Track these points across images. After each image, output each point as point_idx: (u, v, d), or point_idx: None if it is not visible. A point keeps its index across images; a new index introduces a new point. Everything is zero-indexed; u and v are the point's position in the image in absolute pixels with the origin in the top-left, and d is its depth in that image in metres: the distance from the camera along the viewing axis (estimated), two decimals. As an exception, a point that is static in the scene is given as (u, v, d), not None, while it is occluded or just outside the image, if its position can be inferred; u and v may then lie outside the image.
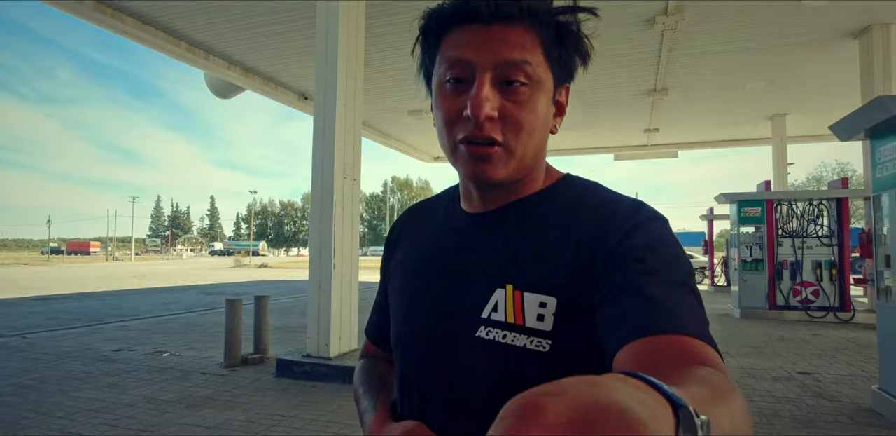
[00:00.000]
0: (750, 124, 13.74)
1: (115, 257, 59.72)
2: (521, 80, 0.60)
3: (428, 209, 0.81)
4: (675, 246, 0.61)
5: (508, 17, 0.60)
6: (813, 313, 8.70)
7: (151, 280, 21.21)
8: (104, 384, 4.71)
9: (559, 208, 0.66)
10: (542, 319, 0.60)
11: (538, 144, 0.65)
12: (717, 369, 0.45)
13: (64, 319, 9.19)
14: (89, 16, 7.48)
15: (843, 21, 7.63)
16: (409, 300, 0.73)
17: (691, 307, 0.54)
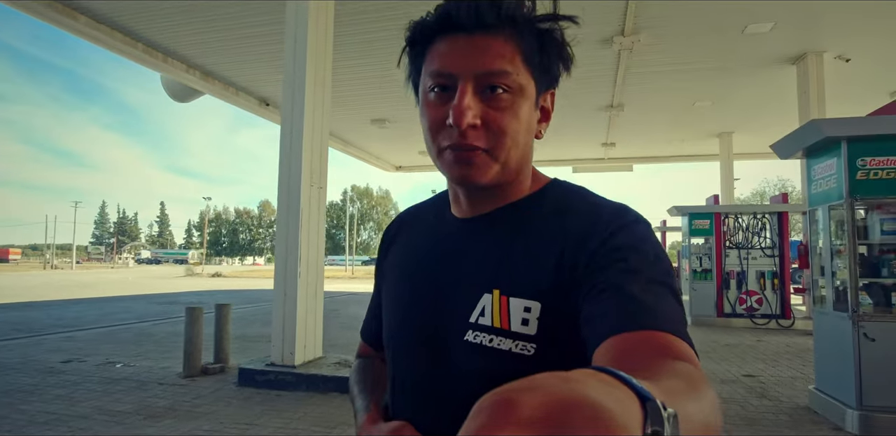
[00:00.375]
0: (699, 141, 14.48)
1: (53, 265, 56.54)
2: (503, 87, 0.62)
3: (420, 214, 0.83)
4: (656, 247, 0.62)
5: (489, 26, 0.62)
6: (757, 321, 9.21)
7: (95, 290, 20.24)
8: (53, 396, 4.52)
9: (546, 213, 0.67)
10: (527, 324, 0.61)
11: (522, 150, 0.66)
12: (690, 363, 0.46)
13: (1, 329, 8.69)
14: (41, 13, 7.22)
15: (782, 48, 8.22)
16: (401, 304, 0.74)
17: (670, 306, 0.55)
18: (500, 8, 0.62)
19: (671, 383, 0.38)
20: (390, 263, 0.81)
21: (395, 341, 0.74)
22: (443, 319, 0.68)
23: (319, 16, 5.57)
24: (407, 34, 0.68)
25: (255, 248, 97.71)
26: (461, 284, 0.67)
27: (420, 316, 0.70)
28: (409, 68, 0.70)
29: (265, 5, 7.02)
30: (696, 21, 7.34)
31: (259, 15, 7.37)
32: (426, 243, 0.76)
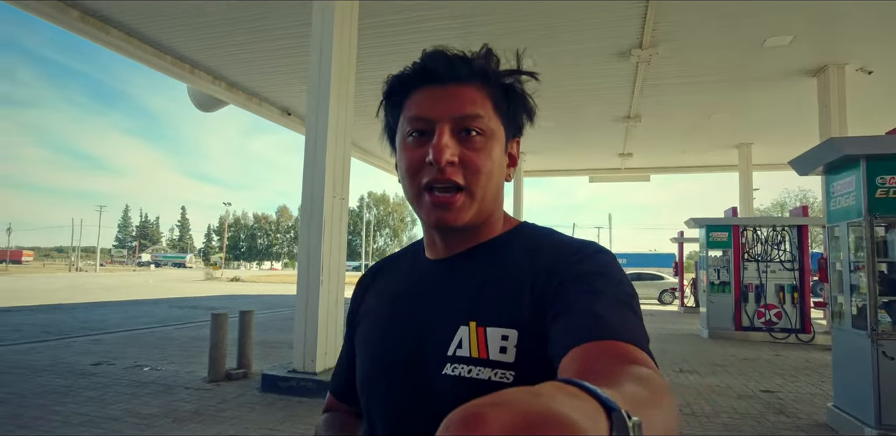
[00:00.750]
0: (718, 152, 14.42)
1: (78, 268, 57.77)
2: (477, 129, 0.67)
3: (393, 262, 0.85)
4: (619, 273, 0.66)
5: (461, 77, 0.68)
6: (776, 335, 9.12)
7: (118, 293, 20.69)
8: (85, 398, 4.70)
9: (517, 252, 0.70)
10: (505, 351, 0.63)
11: (496, 188, 0.70)
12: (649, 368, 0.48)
13: (30, 331, 8.98)
14: (74, 26, 7.52)
15: (802, 61, 8.21)
16: (376, 343, 0.74)
17: (631, 322, 0.58)
18: (471, 62, 0.69)
19: (634, 389, 0.39)
20: (364, 310, 0.82)
21: (371, 379, 0.73)
22: (419, 356, 0.68)
23: (344, 29, 5.73)
24: (385, 88, 0.73)
25: (273, 253, 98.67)
26: (436, 319, 0.69)
27: (396, 353, 0.71)
28: (386, 119, 0.76)
29: (290, 19, 7.24)
30: (714, 35, 7.39)
31: (284, 28, 7.60)
32: (400, 287, 0.78)
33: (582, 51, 8.05)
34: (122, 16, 7.44)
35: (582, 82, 9.35)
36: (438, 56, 0.69)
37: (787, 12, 6.68)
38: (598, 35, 7.48)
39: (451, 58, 0.69)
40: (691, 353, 7.76)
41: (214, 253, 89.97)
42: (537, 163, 16.18)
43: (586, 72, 8.85)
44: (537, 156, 15.32)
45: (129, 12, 7.32)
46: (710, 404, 4.89)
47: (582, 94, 10.02)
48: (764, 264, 9.47)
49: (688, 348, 8.27)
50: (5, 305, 13.99)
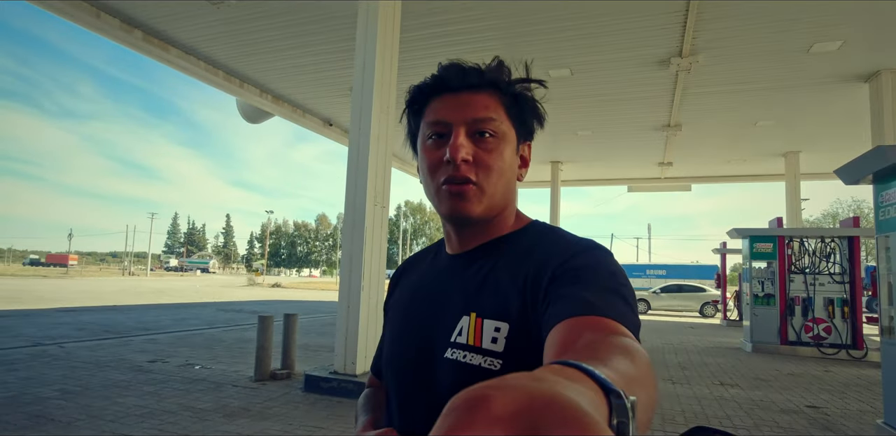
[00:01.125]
0: (763, 160, 14.02)
1: (131, 272, 60.48)
2: (489, 131, 0.74)
3: (420, 258, 0.94)
4: (612, 266, 0.69)
5: (474, 85, 0.75)
6: (825, 350, 8.79)
7: (168, 296, 21.61)
8: (144, 393, 5.02)
9: (521, 248, 0.77)
10: (496, 342, 0.69)
11: (506, 186, 0.77)
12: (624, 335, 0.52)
13: (93, 330, 9.56)
14: (137, 45, 8.07)
15: (852, 66, 7.97)
16: (398, 329, 0.84)
17: (618, 306, 0.60)
18: (483, 72, 0.76)
19: (625, 367, 0.41)
20: (393, 301, 0.91)
21: (393, 360, 0.82)
22: (429, 341, 0.76)
23: (385, 46, 5.97)
24: (407, 97, 0.81)
25: (312, 260, 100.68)
26: (446, 310, 0.76)
27: (412, 338, 0.79)
28: (409, 125, 0.83)
29: (334, 33, 7.56)
30: (757, 42, 7.28)
31: (328, 42, 7.93)
32: (424, 279, 0.86)
33: (620, 60, 8.06)
34: (181, 36, 7.95)
35: (620, 91, 9.34)
36: (453, 67, 0.76)
37: (835, 17, 6.51)
38: (637, 44, 7.49)
39: (465, 69, 0.76)
40: (733, 366, 7.59)
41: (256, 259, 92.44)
42: (574, 172, 16.10)
43: (624, 80, 8.85)
44: (574, 165, 15.26)
45: (187, 33, 7.82)
46: (752, 418, 4.81)
47: (620, 103, 10.00)
48: (811, 277, 9.17)
49: (730, 361, 8.08)
50: (72, 306, 14.88)
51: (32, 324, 10.24)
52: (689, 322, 16.27)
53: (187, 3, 6.85)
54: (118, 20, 7.39)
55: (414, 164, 0.77)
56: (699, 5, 6.36)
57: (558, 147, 13.54)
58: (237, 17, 7.19)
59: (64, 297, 18.69)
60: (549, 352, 0.54)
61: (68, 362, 6.39)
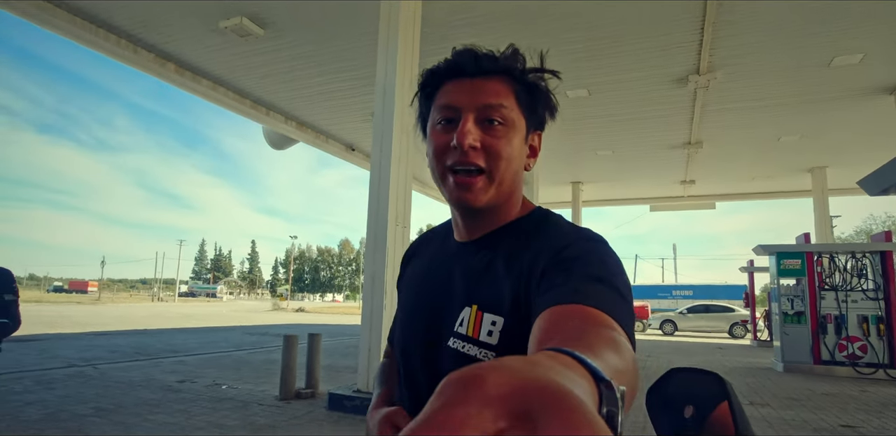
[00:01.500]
0: (789, 176, 13.81)
1: (160, 298, 61.68)
2: (498, 119, 0.73)
3: (431, 238, 0.95)
4: (605, 256, 0.69)
5: (487, 71, 0.75)
6: (861, 369, 8.49)
7: (196, 320, 21.97)
8: (174, 411, 5.14)
9: (520, 238, 0.77)
10: (491, 335, 0.71)
11: (514, 174, 0.76)
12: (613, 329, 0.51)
13: (126, 352, 9.81)
14: (170, 78, 8.51)
15: (875, 78, 7.85)
16: (408, 315, 0.87)
17: (606, 295, 0.60)
18: (497, 59, 0.75)
19: (614, 359, 0.41)
20: (405, 280, 0.95)
21: (405, 345, 0.86)
22: (436, 328, 0.79)
23: (405, 70, 6.19)
24: (420, 80, 0.81)
25: (335, 285, 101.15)
26: (451, 299, 0.79)
27: (419, 324, 0.83)
28: (420, 108, 0.83)
29: (356, 61, 7.85)
30: (775, 58, 7.28)
31: (350, 69, 8.23)
32: (430, 264, 0.88)
33: (637, 79, 8.13)
34: (211, 67, 8.38)
35: (638, 110, 9.40)
36: (467, 52, 0.76)
37: (855, 30, 6.48)
38: (653, 63, 7.57)
39: (478, 54, 0.75)
40: (764, 386, 7.38)
41: (281, 285, 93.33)
42: (595, 192, 16.08)
43: (642, 99, 8.92)
44: (595, 185, 15.25)
45: (216, 65, 8.24)
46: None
47: (639, 122, 10.05)
48: (843, 293, 8.93)
49: (760, 381, 7.86)
50: (105, 329, 15.27)
51: (69, 346, 10.56)
52: (718, 343, 15.84)
53: (217, 38, 7.24)
54: (153, 54, 7.84)
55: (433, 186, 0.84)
56: (715, 23, 6.43)
57: (578, 167, 13.60)
58: (263, 48, 7.56)
59: (97, 321, 19.18)
60: (534, 338, 0.54)
61: (102, 382, 6.58)
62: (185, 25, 6.99)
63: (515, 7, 6.28)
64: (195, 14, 6.68)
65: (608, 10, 6.27)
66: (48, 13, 6.45)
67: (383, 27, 6.10)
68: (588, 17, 6.45)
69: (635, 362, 0.46)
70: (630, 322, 0.59)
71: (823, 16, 6.22)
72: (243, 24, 6.73)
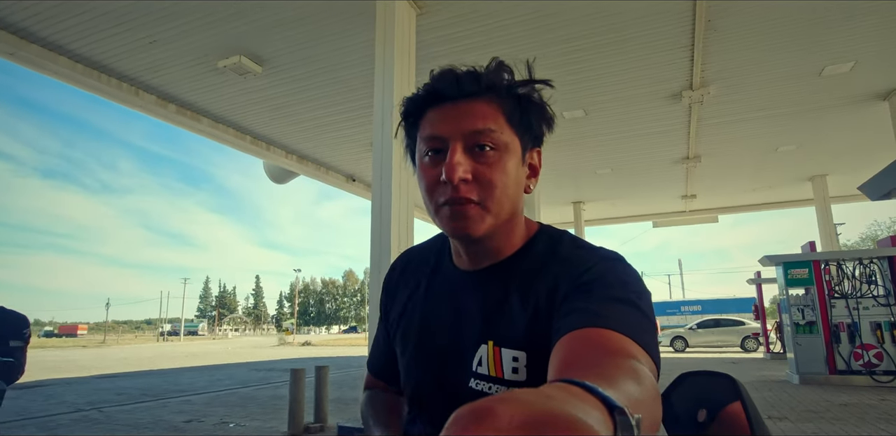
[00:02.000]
0: (789, 186, 13.84)
1: (165, 338, 61.13)
2: (489, 145, 0.67)
3: (417, 263, 0.87)
4: (624, 275, 0.67)
5: (471, 93, 0.69)
6: (879, 378, 8.32)
7: (202, 359, 21.70)
8: (183, 451, 5.05)
9: (531, 268, 0.73)
10: (517, 372, 0.67)
11: (512, 202, 0.71)
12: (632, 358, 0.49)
13: (131, 394, 9.67)
14: (171, 118, 8.66)
15: (868, 85, 7.88)
16: (416, 357, 0.80)
17: (626, 316, 0.58)
18: (479, 77, 0.69)
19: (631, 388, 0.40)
20: (399, 309, 0.86)
21: (413, 389, 0.80)
22: (452, 369, 0.74)
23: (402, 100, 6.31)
24: (401, 109, 0.75)
25: (341, 316, 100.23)
26: (463, 336, 0.74)
27: (432, 366, 0.77)
28: (406, 140, 0.78)
29: (353, 93, 8.00)
30: (765, 69, 7.37)
31: (348, 102, 8.37)
32: (431, 296, 0.81)
33: (632, 97, 8.23)
34: (210, 106, 8.54)
35: (635, 127, 9.49)
36: (446, 75, 0.70)
37: (843, 39, 6.56)
38: (647, 81, 7.67)
39: (459, 75, 0.70)
40: (780, 399, 7.23)
41: (286, 319, 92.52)
42: (597, 211, 16.12)
43: (638, 117, 9.01)
44: (597, 204, 15.30)
45: (216, 103, 8.40)
46: (807, 451, 4.57)
47: (636, 139, 10.14)
48: (854, 301, 8.83)
49: (777, 394, 7.70)
50: (110, 372, 15.10)
51: (73, 391, 10.42)
52: (731, 357, 15.59)
53: (216, 77, 7.41)
54: (154, 96, 8.02)
55: None
56: (704, 39, 6.56)
57: (579, 187, 13.67)
58: (261, 85, 7.72)
59: (102, 364, 18.96)
60: (553, 366, 0.53)
61: (108, 426, 6.47)
62: (185, 66, 7.16)
63: (508, 36, 6.45)
64: (194, 55, 6.86)
65: (600, 32, 6.41)
66: (50, 60, 6.63)
67: (378, 59, 6.24)
68: (580, 40, 6.59)
69: (656, 390, 0.45)
70: (652, 341, 0.57)
71: (811, 26, 6.33)
72: (241, 62, 6.90)
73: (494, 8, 5.83)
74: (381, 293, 0.91)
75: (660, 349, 0.61)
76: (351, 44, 6.66)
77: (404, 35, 6.25)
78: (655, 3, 5.78)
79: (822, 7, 5.92)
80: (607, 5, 5.81)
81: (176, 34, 6.24)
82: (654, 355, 0.55)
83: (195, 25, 6.06)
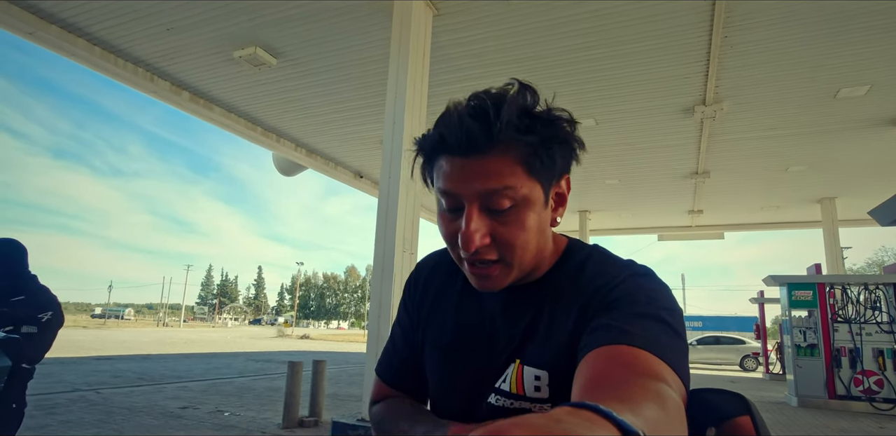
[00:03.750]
0: (798, 207, 13.76)
1: (165, 323, 61.46)
2: (507, 205, 0.64)
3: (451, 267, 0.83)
4: (652, 291, 0.66)
5: (482, 149, 0.63)
6: (878, 405, 8.23)
7: (200, 346, 21.80)
8: (175, 438, 5.07)
9: (562, 287, 0.73)
10: (539, 390, 0.68)
11: (535, 250, 0.69)
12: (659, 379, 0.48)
13: (129, 377, 9.73)
14: (184, 105, 8.72)
15: (882, 110, 7.85)
16: (443, 369, 0.80)
17: (654, 332, 0.57)
18: (491, 129, 0.62)
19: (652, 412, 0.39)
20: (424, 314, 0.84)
21: (445, 404, 0.79)
22: (476, 384, 0.75)
23: (415, 99, 6.32)
24: (414, 149, 0.72)
25: (340, 312, 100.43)
26: (493, 354, 0.74)
27: (460, 381, 0.77)
28: (422, 170, 0.74)
29: (365, 90, 8.02)
30: (780, 89, 7.33)
31: (359, 99, 8.41)
32: (463, 309, 0.80)
33: (644, 109, 8.22)
34: (223, 96, 8.59)
35: (645, 139, 9.47)
36: (454, 129, 0.64)
37: (861, 62, 6.54)
38: (660, 93, 7.66)
39: (469, 130, 0.63)
40: (778, 422, 7.16)
41: (286, 311, 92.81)
42: (603, 221, 16.08)
43: (649, 129, 8.99)
44: (603, 214, 15.26)
45: (229, 93, 8.45)
46: (799, 474, 4.53)
47: (646, 152, 10.11)
48: (857, 326, 8.75)
49: (774, 416, 7.64)
50: (109, 354, 15.21)
51: (72, 371, 10.50)
52: (730, 376, 15.46)
53: (231, 67, 7.45)
54: (169, 83, 8.07)
55: None
56: (721, 54, 6.55)
57: (586, 196, 13.64)
58: (275, 77, 7.76)
59: (102, 346, 19.11)
60: (577, 385, 0.52)
61: (105, 407, 6.51)
62: (201, 55, 7.21)
63: (523, 42, 6.45)
64: (211, 44, 6.90)
65: (616, 42, 6.41)
66: (68, 42, 6.68)
67: (393, 58, 6.26)
68: (596, 49, 6.59)
69: (681, 414, 0.44)
70: (680, 357, 0.56)
71: (829, 47, 6.31)
72: (257, 53, 6.94)
73: (512, 14, 5.84)
74: (403, 297, 0.88)
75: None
76: (367, 41, 6.69)
77: (420, 35, 6.26)
78: (673, 17, 5.78)
79: (842, 28, 5.89)
80: (626, 16, 5.80)
81: (194, 22, 6.27)
82: (683, 376, 0.54)
83: (213, 15, 6.10)
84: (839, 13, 5.62)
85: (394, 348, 0.88)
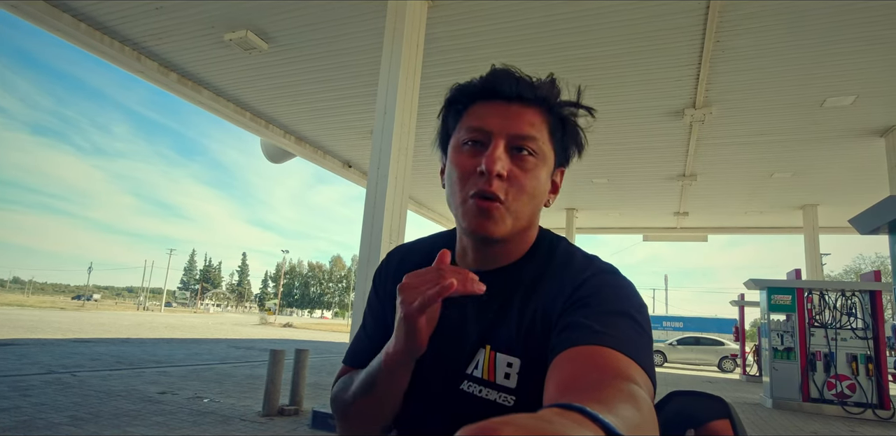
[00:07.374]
0: (781, 212, 13.96)
1: (146, 307, 60.83)
2: (529, 150, 0.70)
3: (421, 254, 0.84)
4: (620, 289, 0.68)
5: (525, 99, 0.71)
6: (850, 409, 8.43)
7: (181, 331, 21.63)
8: (153, 423, 5.03)
9: (533, 275, 0.74)
10: (509, 378, 0.68)
11: (533, 209, 0.73)
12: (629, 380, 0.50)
13: (107, 361, 9.62)
14: (172, 87, 8.55)
15: (867, 121, 7.98)
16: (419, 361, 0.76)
17: (623, 329, 0.59)
18: (535, 87, 0.72)
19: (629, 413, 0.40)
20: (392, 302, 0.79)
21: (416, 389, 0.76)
22: (449, 370, 0.74)
23: (406, 91, 6.28)
24: (448, 94, 0.76)
25: (325, 301, 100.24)
26: (464, 339, 0.74)
27: (432, 366, 0.75)
28: (444, 124, 0.78)
29: (356, 79, 7.95)
30: (769, 95, 7.42)
31: (351, 88, 8.32)
32: None
33: (634, 109, 8.26)
34: (212, 79, 8.44)
35: (634, 141, 9.52)
36: (506, 74, 0.72)
37: (849, 72, 6.63)
38: (651, 95, 7.70)
39: (519, 79, 0.72)
40: (753, 423, 7.31)
41: (269, 299, 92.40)
42: (590, 220, 16.17)
43: (639, 130, 9.04)
44: (590, 212, 15.34)
45: (218, 76, 8.29)
46: (769, 474, 4.62)
47: (635, 152, 10.17)
48: (833, 331, 8.93)
49: (749, 417, 7.78)
50: (87, 337, 15.01)
51: (48, 353, 10.36)
52: (707, 376, 15.72)
53: (221, 50, 7.32)
54: (157, 63, 7.91)
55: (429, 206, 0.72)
56: (712, 59, 6.60)
57: (574, 194, 13.69)
58: (266, 62, 7.64)
59: (80, 328, 18.85)
60: (551, 385, 0.53)
61: (81, 390, 6.44)
62: (190, 36, 7.06)
63: (516, 37, 6.42)
64: (201, 25, 6.76)
65: (609, 42, 6.42)
66: (53, 17, 6.50)
67: (386, 47, 6.20)
68: (589, 48, 6.60)
69: (653, 415, 0.45)
70: (650, 359, 0.59)
71: (819, 56, 6.38)
72: (248, 37, 6.82)
73: (508, 8, 5.81)
74: (374, 284, 0.88)
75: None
76: (360, 30, 6.61)
77: (414, 26, 6.21)
78: (668, 19, 5.79)
79: (833, 38, 5.96)
80: (621, 16, 5.81)
81: (184, 2, 6.14)
82: (651, 376, 0.56)
83: (204, -5, 5.99)
84: (831, 23, 5.68)
85: (365, 333, 0.86)
